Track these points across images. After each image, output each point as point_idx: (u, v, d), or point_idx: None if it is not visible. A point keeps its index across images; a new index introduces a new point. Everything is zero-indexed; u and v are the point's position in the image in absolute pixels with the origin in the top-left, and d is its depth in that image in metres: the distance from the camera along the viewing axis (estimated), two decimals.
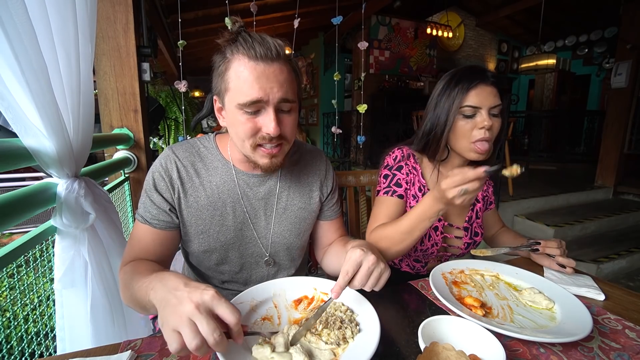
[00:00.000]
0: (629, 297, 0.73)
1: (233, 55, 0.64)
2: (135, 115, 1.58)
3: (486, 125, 0.82)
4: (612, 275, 2.58)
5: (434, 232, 0.93)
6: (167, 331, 0.43)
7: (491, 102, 0.83)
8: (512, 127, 3.55)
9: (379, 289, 0.60)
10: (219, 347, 0.43)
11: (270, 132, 0.65)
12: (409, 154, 0.96)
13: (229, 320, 0.45)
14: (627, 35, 3.59)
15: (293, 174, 0.85)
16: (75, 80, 0.80)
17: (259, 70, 0.62)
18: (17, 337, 0.80)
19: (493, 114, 0.84)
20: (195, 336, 0.42)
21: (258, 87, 0.62)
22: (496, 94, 0.84)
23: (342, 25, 2.82)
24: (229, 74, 0.64)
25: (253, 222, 0.81)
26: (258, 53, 0.61)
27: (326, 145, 6.88)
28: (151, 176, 0.74)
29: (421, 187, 0.94)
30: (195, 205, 0.75)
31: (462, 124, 0.85)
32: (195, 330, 0.42)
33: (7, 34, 0.57)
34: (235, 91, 0.64)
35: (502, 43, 7.53)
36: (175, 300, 0.45)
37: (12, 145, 0.69)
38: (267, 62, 0.62)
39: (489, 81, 0.84)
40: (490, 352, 0.50)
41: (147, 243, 0.73)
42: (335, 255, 0.85)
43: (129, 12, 1.49)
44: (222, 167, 0.78)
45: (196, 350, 0.42)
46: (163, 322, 0.45)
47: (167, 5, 2.99)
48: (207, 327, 0.42)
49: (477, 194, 0.58)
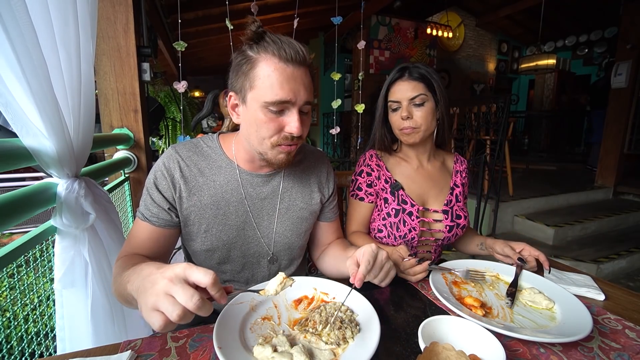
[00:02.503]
0: (629, 297, 0.73)
1: (260, 54, 0.65)
2: (135, 115, 1.58)
3: (403, 115, 0.96)
4: (612, 275, 2.58)
5: (408, 218, 0.97)
6: (147, 313, 0.44)
7: (409, 95, 0.95)
8: (512, 127, 3.55)
9: (385, 284, 0.65)
10: (202, 310, 0.43)
11: (294, 132, 0.68)
12: (371, 155, 1.06)
13: (204, 282, 0.44)
14: (627, 35, 3.59)
15: (296, 174, 0.86)
16: (76, 80, 0.80)
17: (289, 72, 0.65)
18: (17, 337, 0.80)
19: (416, 104, 0.96)
20: (174, 307, 0.42)
21: (288, 89, 0.65)
22: (415, 86, 0.95)
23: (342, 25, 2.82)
24: (256, 72, 0.65)
25: (256, 221, 0.81)
26: (288, 55, 0.64)
27: (326, 145, 6.88)
28: (153, 174, 0.75)
29: (387, 179, 1.03)
30: (198, 204, 0.75)
31: (392, 116, 1.01)
32: (173, 301, 0.42)
33: (8, 34, 0.57)
34: (262, 90, 0.65)
35: (502, 43, 7.53)
36: (149, 284, 0.46)
37: (12, 145, 0.69)
38: (295, 64, 0.65)
39: (408, 77, 0.96)
40: (490, 352, 0.50)
41: (144, 240, 0.74)
42: (334, 258, 0.87)
43: (129, 12, 1.49)
44: (225, 167, 0.79)
45: (179, 319, 0.42)
46: (142, 307, 0.45)
47: (167, 5, 2.99)
48: (183, 295, 0.42)
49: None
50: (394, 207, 0.99)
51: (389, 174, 1.03)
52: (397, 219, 0.98)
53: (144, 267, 0.52)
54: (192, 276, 0.44)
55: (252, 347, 0.53)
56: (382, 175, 1.03)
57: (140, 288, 0.47)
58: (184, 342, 0.56)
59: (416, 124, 0.96)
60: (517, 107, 7.52)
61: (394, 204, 0.99)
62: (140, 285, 0.48)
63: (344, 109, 6.28)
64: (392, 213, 0.99)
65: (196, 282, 0.45)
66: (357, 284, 0.61)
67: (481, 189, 2.91)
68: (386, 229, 1.00)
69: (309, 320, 0.60)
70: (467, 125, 3.68)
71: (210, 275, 0.44)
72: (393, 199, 1.00)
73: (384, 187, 1.02)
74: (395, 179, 1.02)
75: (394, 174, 1.04)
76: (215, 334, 0.52)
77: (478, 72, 7.33)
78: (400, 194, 1.00)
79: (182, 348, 0.54)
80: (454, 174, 1.08)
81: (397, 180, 1.02)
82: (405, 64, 1.00)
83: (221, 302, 0.47)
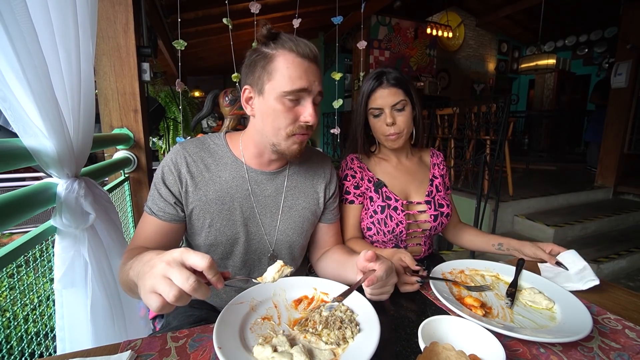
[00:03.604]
0: (629, 297, 0.73)
1: (278, 50, 0.71)
2: (135, 115, 1.58)
3: (389, 122, 0.99)
4: (612, 275, 2.58)
5: (394, 212, 1.01)
6: (145, 295, 0.45)
7: (391, 101, 0.98)
8: (512, 127, 3.55)
9: (375, 299, 0.66)
10: (198, 292, 0.44)
11: (309, 120, 0.73)
12: (352, 158, 1.09)
13: (200, 265, 0.45)
14: (627, 35, 3.59)
15: (300, 173, 0.89)
16: (75, 80, 0.80)
17: (305, 65, 0.71)
18: (17, 337, 0.80)
19: (397, 109, 0.99)
20: (171, 288, 0.43)
21: (305, 78, 0.71)
22: (395, 92, 0.98)
23: (342, 25, 2.82)
24: (274, 66, 0.71)
25: (260, 218, 0.83)
26: (304, 51, 0.71)
27: (326, 145, 6.88)
28: (161, 170, 0.77)
29: (369, 178, 1.06)
30: (204, 199, 0.77)
31: (374, 122, 1.04)
32: (169, 283, 0.44)
33: (8, 33, 0.57)
34: (281, 81, 0.70)
35: (502, 43, 7.53)
36: (148, 267, 0.47)
37: (12, 145, 0.69)
38: (309, 60, 0.72)
39: (388, 83, 0.99)
40: (490, 352, 0.50)
41: (150, 233, 0.76)
42: (336, 262, 0.86)
43: (129, 12, 1.49)
44: (232, 164, 0.81)
45: (175, 300, 0.43)
46: (141, 290, 0.47)
47: (167, 5, 2.98)
48: (180, 277, 0.43)
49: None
50: (379, 204, 1.03)
51: (371, 174, 1.07)
52: (384, 215, 1.02)
53: (145, 254, 0.54)
54: (189, 260, 0.46)
55: (252, 347, 0.53)
56: (365, 175, 1.07)
57: (140, 273, 0.49)
58: (184, 342, 0.56)
59: (399, 129, 1.00)
60: (517, 107, 7.53)
61: (379, 201, 1.03)
62: (140, 270, 0.49)
63: (344, 108, 6.28)
64: (378, 210, 1.02)
65: (193, 265, 0.46)
66: (367, 283, 0.62)
67: (481, 188, 2.91)
68: (374, 226, 1.03)
69: (309, 320, 0.60)
70: (467, 125, 3.68)
71: (206, 258, 0.45)
72: (378, 196, 1.04)
73: (368, 187, 1.06)
74: (378, 178, 1.06)
75: (375, 173, 1.08)
76: (215, 334, 0.52)
77: (478, 72, 7.33)
78: (384, 190, 1.04)
79: (182, 348, 0.54)
80: (432, 167, 1.13)
81: (380, 178, 1.06)
82: (379, 69, 1.02)
83: (218, 287, 0.48)
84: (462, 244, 1.16)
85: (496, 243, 1.02)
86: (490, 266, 0.85)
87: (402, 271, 0.76)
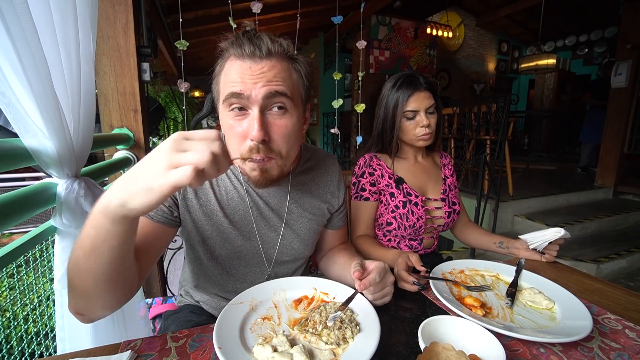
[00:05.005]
0: (629, 297, 0.73)
1: (224, 57, 0.64)
2: (135, 115, 1.58)
3: (425, 124, 1.05)
4: (612, 275, 2.58)
5: (415, 207, 1.08)
6: (163, 176, 0.38)
7: (426, 104, 1.05)
8: (512, 127, 3.55)
9: (378, 304, 0.65)
10: (225, 154, 0.40)
11: (252, 136, 0.60)
12: (370, 157, 1.14)
13: (211, 136, 0.41)
14: (627, 35, 3.59)
15: (305, 184, 0.82)
16: (76, 80, 0.80)
17: (245, 67, 0.60)
18: (17, 337, 0.80)
19: (429, 112, 1.06)
20: (202, 152, 0.37)
21: (240, 81, 0.60)
22: (429, 96, 1.06)
23: (342, 25, 2.81)
24: (220, 76, 0.65)
25: (261, 233, 0.78)
26: (245, 51, 0.60)
27: (326, 145, 6.88)
28: None
29: (390, 175, 1.12)
30: (204, 210, 0.73)
31: (407, 124, 1.08)
32: (195, 149, 0.38)
33: (9, 33, 0.57)
34: (222, 91, 0.63)
35: (502, 43, 7.52)
36: (144, 164, 0.40)
37: (12, 145, 0.69)
38: (254, 59, 0.60)
39: (422, 87, 1.05)
40: (490, 352, 0.50)
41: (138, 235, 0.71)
42: (338, 265, 0.84)
43: (129, 12, 1.49)
44: (232, 174, 0.77)
45: (210, 163, 0.38)
46: (148, 180, 0.39)
47: (167, 5, 2.98)
48: (202, 142, 0.38)
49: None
50: (400, 199, 1.08)
51: (391, 171, 1.12)
52: (405, 210, 1.07)
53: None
54: (196, 134, 0.40)
55: (252, 347, 0.52)
56: (385, 172, 1.12)
57: (130, 179, 0.40)
58: (184, 342, 0.56)
59: (432, 130, 1.07)
60: (517, 107, 7.52)
61: (401, 196, 1.08)
62: (127, 179, 0.40)
63: (344, 108, 6.28)
64: (400, 205, 1.08)
65: (201, 139, 0.41)
66: (360, 287, 0.62)
67: (481, 188, 2.91)
68: (396, 221, 1.09)
69: (309, 320, 0.60)
70: (467, 125, 3.67)
71: (213, 132, 0.41)
72: (399, 192, 1.09)
73: (389, 183, 1.10)
74: (398, 175, 1.11)
75: (395, 171, 1.13)
76: (215, 334, 0.52)
77: (478, 72, 7.33)
78: (404, 187, 1.10)
79: (182, 348, 0.54)
80: (442, 167, 1.22)
81: (399, 175, 1.11)
82: (410, 73, 1.07)
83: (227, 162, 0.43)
84: (468, 241, 1.20)
85: (497, 241, 1.05)
86: (490, 266, 0.85)
87: (405, 268, 0.77)
